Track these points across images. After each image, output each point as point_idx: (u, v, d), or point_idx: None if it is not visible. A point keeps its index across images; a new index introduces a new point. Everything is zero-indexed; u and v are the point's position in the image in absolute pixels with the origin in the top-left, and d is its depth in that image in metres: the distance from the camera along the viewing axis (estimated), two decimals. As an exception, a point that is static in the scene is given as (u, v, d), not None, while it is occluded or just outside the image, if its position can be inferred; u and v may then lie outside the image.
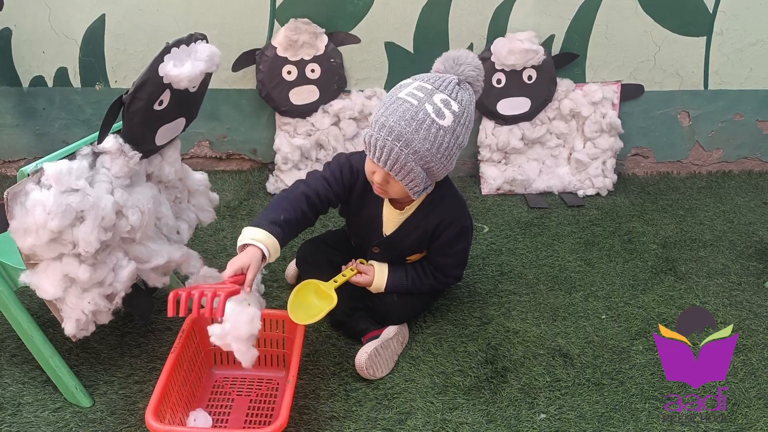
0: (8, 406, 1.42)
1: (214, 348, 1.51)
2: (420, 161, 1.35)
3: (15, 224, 1.22)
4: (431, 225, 1.52)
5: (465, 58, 1.39)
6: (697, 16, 2.18)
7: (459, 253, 1.59)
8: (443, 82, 1.36)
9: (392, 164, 1.35)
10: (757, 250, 2.01)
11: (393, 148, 1.33)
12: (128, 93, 1.30)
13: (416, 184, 1.38)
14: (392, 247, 1.57)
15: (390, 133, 1.33)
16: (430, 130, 1.33)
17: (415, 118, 1.32)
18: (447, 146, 1.35)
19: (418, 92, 1.35)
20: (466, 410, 1.44)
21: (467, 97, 1.38)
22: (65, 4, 2.10)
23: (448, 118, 1.33)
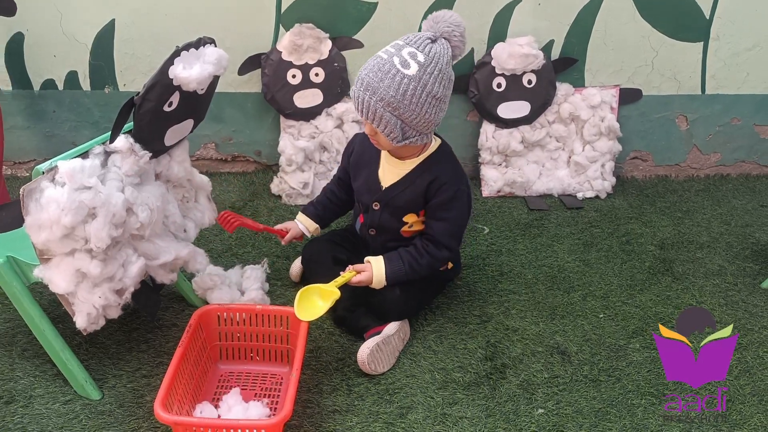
0: (20, 398, 1.47)
1: (220, 344, 1.57)
2: (388, 108, 1.46)
3: (30, 220, 1.26)
4: (425, 182, 1.60)
5: (442, 17, 1.51)
6: (694, 21, 2.23)
7: (452, 219, 1.63)
8: (414, 38, 1.49)
9: (366, 113, 1.49)
10: (753, 252, 2.04)
11: (364, 98, 1.48)
12: (139, 95, 1.34)
13: (391, 130, 1.50)
14: (390, 200, 1.65)
15: (362, 85, 1.49)
16: (394, 79, 1.45)
17: (382, 69, 1.47)
18: (412, 93, 1.45)
19: (391, 48, 1.50)
20: (466, 405, 1.48)
21: (438, 50, 1.48)
22: (76, 9, 2.16)
23: (413, 67, 1.45)
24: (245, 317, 1.54)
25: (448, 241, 1.64)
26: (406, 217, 1.67)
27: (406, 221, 1.67)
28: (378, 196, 1.66)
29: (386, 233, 1.69)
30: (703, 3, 2.19)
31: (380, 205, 1.67)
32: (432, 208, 1.63)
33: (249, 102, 2.32)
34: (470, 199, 1.67)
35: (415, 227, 1.68)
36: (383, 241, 1.70)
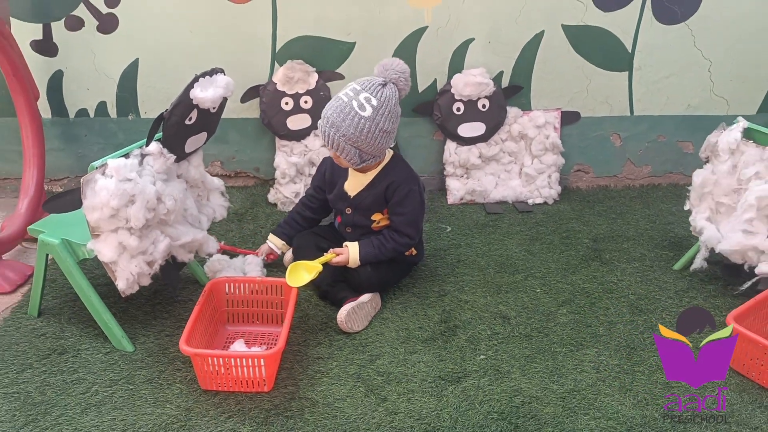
0: (71, 350, 1.85)
1: (228, 309, 1.96)
2: (348, 141, 1.87)
3: (86, 203, 1.66)
4: (383, 186, 2.01)
5: (391, 65, 1.90)
6: (619, 54, 2.65)
7: (409, 213, 2.02)
8: (369, 84, 1.89)
9: (331, 144, 1.90)
10: (671, 243, 2.44)
11: (329, 133, 1.88)
12: (167, 111, 1.77)
13: (351, 157, 1.92)
14: (358, 204, 2.05)
15: (327, 122, 1.90)
16: (354, 120, 1.85)
17: (344, 111, 1.86)
18: (368, 131, 1.86)
19: (350, 92, 1.88)
20: (423, 354, 1.86)
21: (387, 94, 1.88)
22: (107, 50, 2.58)
23: (368, 110, 1.85)
24: (248, 287, 1.94)
25: (407, 229, 2.04)
26: (374, 216, 2.07)
27: (374, 219, 2.08)
28: (348, 203, 2.07)
29: (360, 229, 2.10)
30: (626, 39, 2.61)
31: (352, 210, 2.08)
32: (392, 206, 2.04)
33: (249, 126, 2.75)
34: (422, 195, 2.07)
35: (382, 223, 2.09)
36: (358, 235, 2.10)
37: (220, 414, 1.63)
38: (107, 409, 1.64)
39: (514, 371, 1.78)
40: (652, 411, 1.64)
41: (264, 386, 1.69)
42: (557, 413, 1.63)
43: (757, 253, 1.91)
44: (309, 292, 2.11)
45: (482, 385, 1.73)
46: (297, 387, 1.72)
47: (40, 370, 1.77)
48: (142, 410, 1.64)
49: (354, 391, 1.71)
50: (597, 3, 2.55)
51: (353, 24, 2.58)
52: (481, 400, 1.68)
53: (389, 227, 2.07)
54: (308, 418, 1.62)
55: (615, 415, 1.63)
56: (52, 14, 2.53)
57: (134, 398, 1.68)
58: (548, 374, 1.77)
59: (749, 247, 1.91)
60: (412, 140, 2.75)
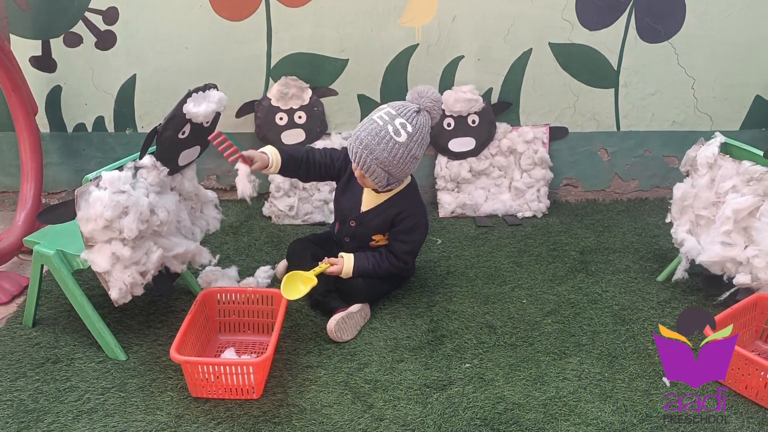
0: (64, 359, 1.89)
1: (219, 319, 2.00)
2: (380, 165, 1.89)
3: (80, 214, 1.71)
4: (393, 212, 2.05)
5: (426, 92, 1.94)
6: (605, 72, 2.71)
7: (412, 242, 2.09)
8: (404, 110, 1.91)
9: (362, 165, 1.91)
10: (655, 255, 2.49)
11: (362, 155, 1.89)
12: (161, 125, 1.82)
13: (380, 180, 1.94)
14: (364, 222, 2.09)
15: (361, 144, 1.90)
16: (388, 144, 1.87)
17: (379, 134, 1.88)
18: (401, 156, 1.89)
19: (386, 116, 1.90)
20: (410, 362, 1.90)
21: (422, 121, 1.91)
22: (105, 66, 2.65)
23: (403, 136, 1.88)
24: (240, 297, 1.98)
25: (406, 257, 2.10)
26: (375, 236, 2.13)
27: (375, 238, 2.13)
28: (356, 216, 2.11)
29: (357, 242, 2.14)
30: (611, 57, 2.68)
31: (356, 223, 2.12)
32: (396, 232, 2.09)
33: (245, 141, 2.80)
34: (427, 227, 2.13)
35: (380, 243, 2.14)
36: (355, 247, 2.14)
37: (210, 420, 1.67)
38: (99, 416, 1.68)
39: (498, 379, 1.82)
40: (630, 417, 1.67)
41: (253, 393, 1.73)
42: (539, 419, 1.67)
43: (735, 264, 1.95)
44: (300, 302, 2.14)
45: (467, 393, 1.77)
46: (286, 394, 1.76)
47: (34, 379, 1.81)
48: (133, 417, 1.68)
49: (341, 398, 1.75)
50: (583, 22, 2.62)
51: (346, 41, 2.65)
52: (465, 407, 1.71)
53: (387, 248, 2.12)
54: (296, 424, 1.66)
55: (594, 421, 1.66)
56: (51, 31, 2.60)
57: (126, 405, 1.72)
58: (531, 382, 1.81)
59: (728, 258, 1.95)
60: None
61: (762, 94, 2.76)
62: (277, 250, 2.50)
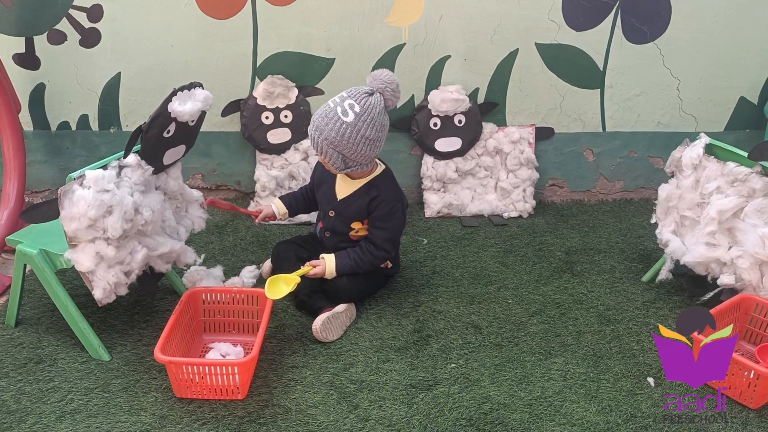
0: (47, 359, 1.87)
1: (204, 319, 1.99)
2: (331, 145, 1.93)
3: (64, 213, 1.69)
4: (369, 198, 2.06)
5: (379, 75, 1.96)
6: (591, 72, 2.73)
7: (390, 228, 2.08)
8: (356, 92, 1.95)
9: (315, 147, 1.97)
10: (640, 255, 2.50)
11: (314, 136, 1.94)
12: (146, 123, 1.81)
13: (334, 161, 1.97)
14: (342, 209, 2.10)
15: (313, 125, 1.97)
16: (336, 124, 1.91)
17: (328, 115, 1.93)
18: (350, 136, 1.92)
19: (338, 98, 1.96)
20: (396, 362, 1.90)
21: (372, 102, 1.93)
22: (89, 64, 2.63)
23: (350, 116, 1.91)
24: (225, 297, 1.97)
25: (385, 244, 2.09)
26: (353, 224, 2.12)
27: (353, 227, 2.12)
28: (333, 206, 2.12)
29: (338, 235, 2.14)
30: (597, 57, 2.69)
31: (334, 213, 2.12)
32: (373, 219, 2.09)
33: (230, 139, 2.79)
34: (404, 213, 2.12)
35: (360, 233, 2.13)
36: (336, 241, 2.15)
37: (195, 421, 1.66)
38: (82, 416, 1.67)
39: (483, 379, 1.82)
40: (615, 417, 1.68)
41: (238, 394, 1.72)
42: (524, 419, 1.68)
43: (719, 264, 1.97)
44: (286, 303, 2.14)
45: (452, 393, 1.77)
46: (271, 395, 1.75)
47: (16, 379, 1.79)
48: (116, 418, 1.66)
49: (327, 399, 1.74)
50: (569, 23, 2.63)
51: (333, 41, 2.64)
52: (451, 407, 1.72)
53: (367, 239, 2.11)
54: (281, 425, 1.65)
55: (579, 421, 1.67)
56: (35, 28, 2.57)
57: (109, 406, 1.70)
58: (517, 382, 1.81)
59: (712, 259, 1.97)
60: (390, 155, 2.81)
61: (746, 96, 2.78)
62: (263, 249, 2.49)
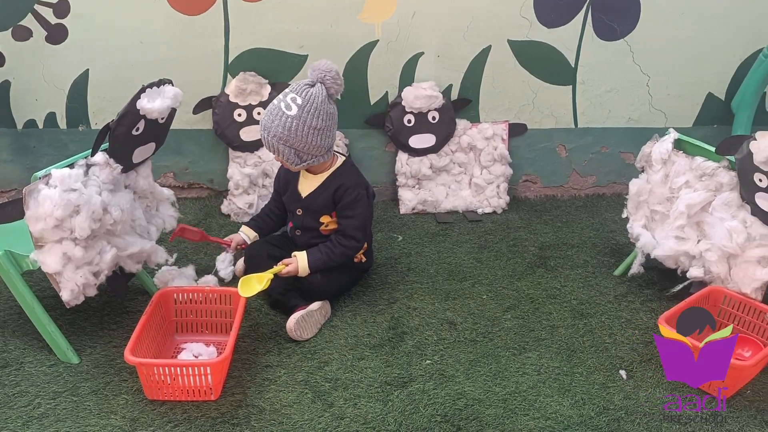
0: (13, 363, 1.83)
1: (176, 319, 1.96)
2: (281, 141, 1.93)
3: (29, 213, 1.66)
4: (333, 188, 2.06)
5: (318, 65, 1.97)
6: (563, 69, 2.74)
7: (357, 216, 2.07)
8: (297, 85, 1.97)
9: (268, 146, 1.97)
10: (612, 250, 2.52)
11: (265, 136, 1.96)
12: (113, 121, 1.78)
13: (288, 157, 1.98)
14: (308, 206, 2.09)
15: (262, 126, 1.98)
16: (282, 119, 1.92)
17: (273, 112, 1.95)
18: (296, 128, 1.92)
19: (281, 95, 1.97)
20: (371, 360, 1.89)
21: (314, 93, 1.94)
22: (56, 61, 2.57)
23: (293, 109, 1.92)
24: (197, 296, 1.95)
25: (354, 233, 2.08)
26: (322, 218, 2.11)
27: (322, 221, 2.11)
28: (299, 204, 2.11)
29: (309, 232, 2.13)
30: (569, 54, 2.71)
31: (302, 211, 2.11)
32: (340, 209, 2.08)
33: (202, 137, 2.76)
34: (370, 200, 2.13)
35: (330, 226, 2.12)
36: (308, 238, 2.13)
37: (166, 423, 1.64)
38: (50, 421, 1.63)
39: (458, 375, 1.83)
40: (588, 410, 1.70)
41: (211, 395, 1.70)
42: (498, 414, 1.68)
43: (688, 258, 1.99)
44: (260, 301, 2.12)
45: (427, 389, 1.77)
46: (244, 395, 1.74)
47: (-18, 384, 1.75)
48: (86, 422, 1.63)
49: (301, 398, 1.73)
50: (541, 19, 2.64)
51: (306, 37, 2.62)
52: (426, 404, 1.71)
53: (337, 231, 2.11)
54: (255, 425, 1.64)
55: (554, 414, 1.68)
56: (-1, 24, 2.52)
57: (78, 410, 1.67)
58: (491, 377, 1.82)
59: (681, 252, 1.99)
60: (364, 152, 2.80)
61: (714, 92, 2.82)
62: (237, 249, 2.46)
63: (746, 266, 1.88)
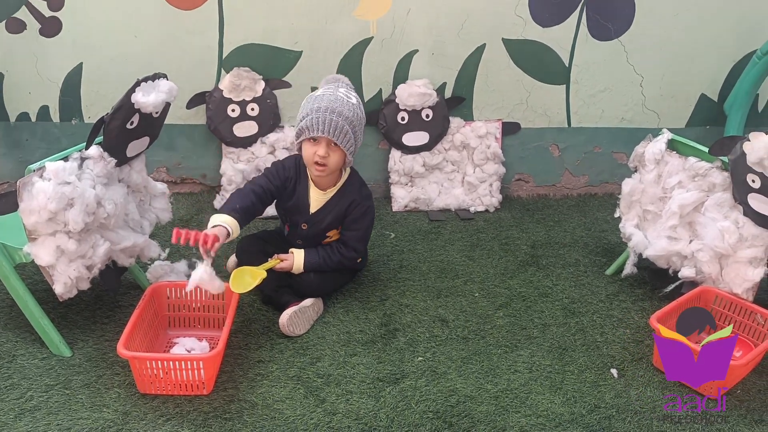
0: (5, 357, 1.82)
1: (169, 314, 1.96)
2: (349, 124, 1.95)
3: (23, 206, 1.65)
4: (345, 204, 2.06)
5: (341, 78, 2.07)
6: (557, 68, 2.75)
7: (362, 228, 2.09)
8: (338, 83, 2.05)
9: (333, 130, 1.94)
10: (604, 249, 2.54)
11: (333, 119, 1.94)
12: (108, 114, 1.77)
13: (350, 144, 1.99)
14: (316, 222, 2.08)
15: (327, 110, 1.94)
16: (348, 104, 1.98)
17: (338, 99, 1.98)
18: (358, 115, 2.01)
19: (327, 90, 2.02)
20: (363, 356, 1.90)
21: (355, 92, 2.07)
22: (50, 54, 2.56)
23: (353, 98, 2.02)
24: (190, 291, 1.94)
25: (357, 245, 2.10)
26: (329, 233, 2.12)
27: (329, 235, 2.13)
28: (306, 219, 2.10)
29: (312, 243, 2.13)
30: (563, 54, 2.72)
31: (308, 226, 2.11)
32: (347, 222, 2.09)
33: (195, 132, 2.75)
34: (374, 213, 2.15)
35: (334, 238, 2.14)
36: (308, 246, 2.12)
37: (159, 417, 1.64)
38: (42, 414, 1.63)
39: (450, 372, 1.83)
40: (579, 408, 1.71)
41: (203, 389, 1.70)
42: (490, 411, 1.69)
43: (680, 258, 2.01)
44: (253, 297, 2.12)
45: (419, 386, 1.77)
46: (237, 390, 1.74)
47: (-27, 377, 1.74)
48: (78, 415, 1.63)
49: (293, 393, 1.74)
50: (535, 18, 2.65)
51: (300, 33, 2.62)
52: (418, 400, 1.72)
53: (339, 240, 2.12)
54: (247, 420, 1.64)
55: (545, 412, 1.69)
56: (-8, 17, 2.50)
57: (70, 403, 1.67)
58: (483, 374, 1.83)
59: (673, 252, 2.01)
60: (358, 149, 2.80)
61: (707, 93, 2.84)
62: (229, 243, 2.42)
63: (738, 267, 1.90)
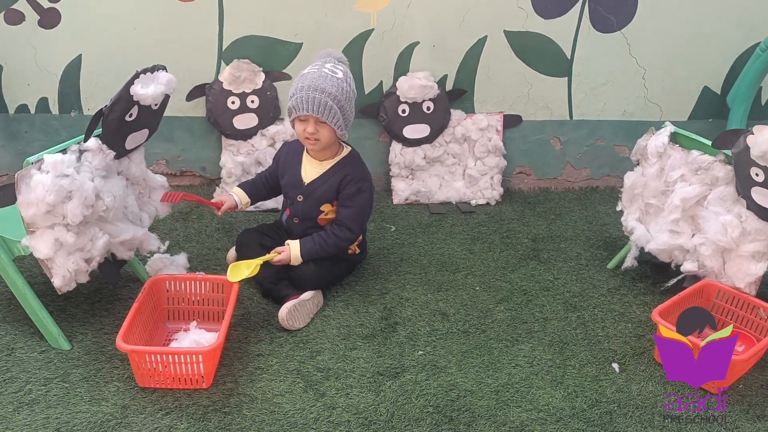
0: (4, 349, 1.82)
1: (168, 307, 1.95)
2: (333, 99, 1.92)
3: (21, 198, 1.64)
4: (339, 177, 2.05)
5: (332, 53, 2.06)
6: (558, 61, 2.73)
7: (356, 206, 2.07)
8: (326, 59, 2.03)
9: (317, 107, 1.92)
10: (605, 243, 2.53)
11: (315, 97, 1.91)
12: (107, 106, 1.76)
13: (337, 119, 1.95)
14: (311, 192, 2.08)
15: (310, 89, 1.93)
16: (332, 80, 1.94)
17: (321, 75, 1.95)
18: (345, 90, 1.96)
19: (314, 67, 2.00)
20: (363, 350, 1.89)
21: (344, 65, 2.04)
22: (49, 45, 2.54)
23: (339, 73, 1.97)
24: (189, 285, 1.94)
25: (351, 223, 2.07)
26: (323, 206, 2.10)
27: (323, 210, 2.10)
28: (301, 190, 2.09)
29: (307, 220, 2.12)
30: (565, 46, 2.70)
31: (303, 197, 2.10)
32: (342, 198, 2.07)
33: (195, 125, 2.74)
34: (372, 194, 2.12)
35: (329, 215, 2.12)
36: (305, 227, 2.12)
37: (158, 411, 1.63)
38: (41, 407, 1.62)
39: (450, 366, 1.83)
40: (580, 402, 1.70)
41: (202, 383, 1.70)
42: (491, 406, 1.68)
43: (682, 252, 2.00)
44: (252, 290, 2.12)
45: (419, 380, 1.77)
46: (236, 383, 1.73)
47: (-29, 370, 1.74)
48: (76, 408, 1.63)
49: (293, 387, 1.73)
50: (537, 10, 2.63)
51: (300, 25, 2.60)
52: (418, 395, 1.71)
53: (333, 221, 2.10)
54: (246, 413, 1.64)
55: (546, 406, 1.68)
56: (-10, 8, 2.48)
57: (69, 396, 1.66)
58: (484, 369, 1.82)
59: (675, 246, 2.00)
60: (358, 141, 2.77)
61: (710, 86, 2.82)
62: (228, 237, 2.45)
63: (740, 261, 1.88)
